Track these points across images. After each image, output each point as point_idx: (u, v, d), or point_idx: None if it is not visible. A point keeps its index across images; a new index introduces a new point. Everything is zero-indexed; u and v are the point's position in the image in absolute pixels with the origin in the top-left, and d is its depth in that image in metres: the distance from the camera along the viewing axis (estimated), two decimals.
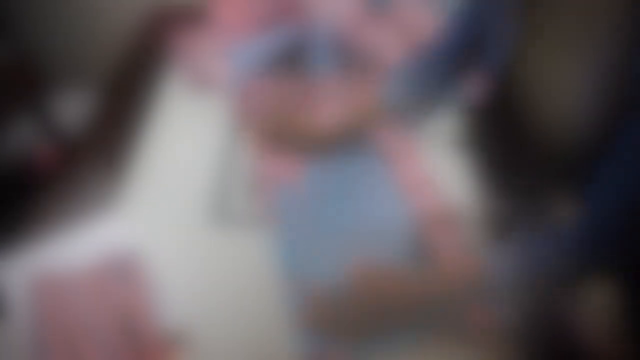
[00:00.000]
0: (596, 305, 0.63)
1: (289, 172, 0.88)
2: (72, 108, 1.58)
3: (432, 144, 0.96)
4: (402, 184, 0.85)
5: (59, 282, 0.68)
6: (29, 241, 0.78)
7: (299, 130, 0.86)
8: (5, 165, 1.51)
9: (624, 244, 0.53)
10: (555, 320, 0.62)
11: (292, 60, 1.00)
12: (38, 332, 0.63)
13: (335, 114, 0.93)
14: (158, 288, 0.71)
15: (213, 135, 0.97)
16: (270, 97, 0.95)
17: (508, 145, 0.66)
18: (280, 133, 0.87)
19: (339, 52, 1.01)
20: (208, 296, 0.72)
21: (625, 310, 0.60)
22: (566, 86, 0.52)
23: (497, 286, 0.56)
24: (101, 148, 0.95)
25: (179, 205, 0.84)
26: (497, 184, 0.71)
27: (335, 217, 0.81)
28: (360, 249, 0.75)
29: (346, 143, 0.88)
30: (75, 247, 0.77)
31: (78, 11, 1.48)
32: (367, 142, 0.92)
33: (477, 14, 0.65)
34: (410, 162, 0.90)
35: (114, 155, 0.93)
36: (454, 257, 0.69)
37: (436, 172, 0.89)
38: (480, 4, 0.64)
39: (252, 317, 0.70)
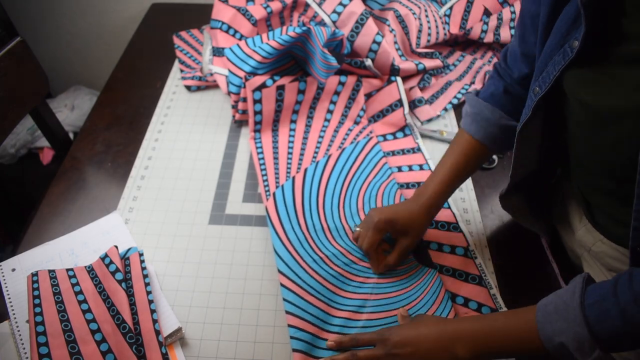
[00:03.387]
0: None
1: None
2: (74, 107, 1.58)
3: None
4: None
5: (59, 280, 0.68)
6: (30, 239, 0.78)
7: None
8: (7, 165, 1.51)
9: None
10: None
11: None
12: (38, 327, 0.63)
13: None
14: (158, 286, 0.71)
15: (215, 135, 0.97)
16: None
17: None
18: None
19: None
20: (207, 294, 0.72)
21: None
22: None
23: None
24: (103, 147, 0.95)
25: (180, 205, 0.85)
26: None
27: None
28: None
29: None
30: (76, 245, 0.77)
31: (81, 10, 1.48)
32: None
33: None
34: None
35: (116, 155, 0.93)
36: None
37: None
38: None
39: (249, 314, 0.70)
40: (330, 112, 0.99)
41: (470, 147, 0.72)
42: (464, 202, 0.85)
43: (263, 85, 0.93)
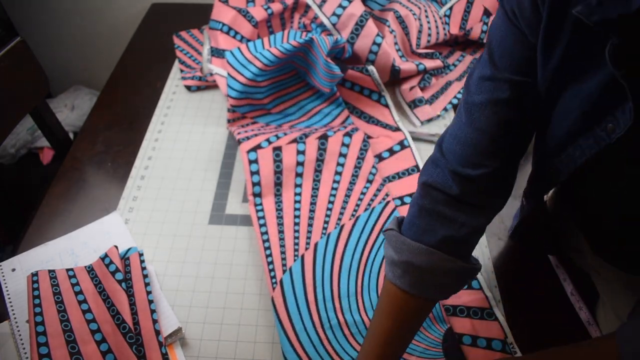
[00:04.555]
0: None
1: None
2: (74, 107, 1.58)
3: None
4: None
5: (59, 280, 0.68)
6: (30, 239, 0.78)
7: None
8: (8, 165, 1.51)
9: None
10: None
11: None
12: (38, 327, 0.63)
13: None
14: (158, 286, 0.71)
15: (215, 135, 0.97)
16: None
17: None
18: None
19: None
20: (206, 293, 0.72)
21: None
22: None
23: None
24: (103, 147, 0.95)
25: (180, 205, 0.85)
26: None
27: None
28: None
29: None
30: (76, 245, 0.77)
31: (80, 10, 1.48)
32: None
33: None
34: None
35: (116, 155, 0.93)
36: None
37: None
38: None
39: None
40: (338, 173, 0.86)
41: (408, 305, 0.54)
42: None
43: (258, 147, 0.86)
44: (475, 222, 0.53)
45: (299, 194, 0.84)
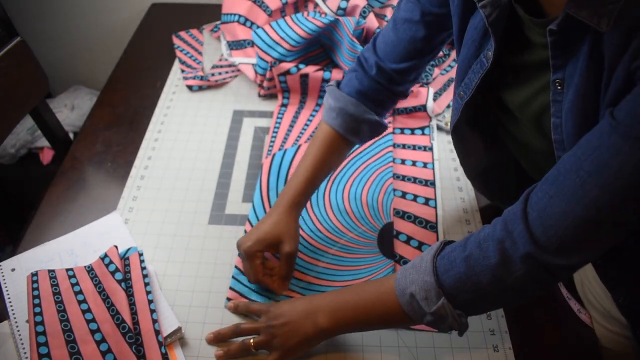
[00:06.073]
0: None
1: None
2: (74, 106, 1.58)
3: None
4: None
5: (58, 280, 0.68)
6: (30, 239, 0.78)
7: None
8: (8, 165, 1.51)
9: None
10: None
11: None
12: (37, 327, 0.63)
13: None
14: (157, 286, 0.71)
15: (215, 135, 0.97)
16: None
17: None
18: None
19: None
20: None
21: None
22: None
23: None
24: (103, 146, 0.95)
25: (180, 205, 0.85)
26: None
27: None
28: None
29: None
30: (75, 245, 0.77)
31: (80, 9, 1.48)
32: None
33: None
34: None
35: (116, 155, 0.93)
36: None
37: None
38: None
39: None
40: None
41: (335, 141, 0.74)
42: (464, 202, 0.85)
43: (287, 72, 0.98)
44: (389, 94, 0.73)
45: (319, 105, 1.01)
